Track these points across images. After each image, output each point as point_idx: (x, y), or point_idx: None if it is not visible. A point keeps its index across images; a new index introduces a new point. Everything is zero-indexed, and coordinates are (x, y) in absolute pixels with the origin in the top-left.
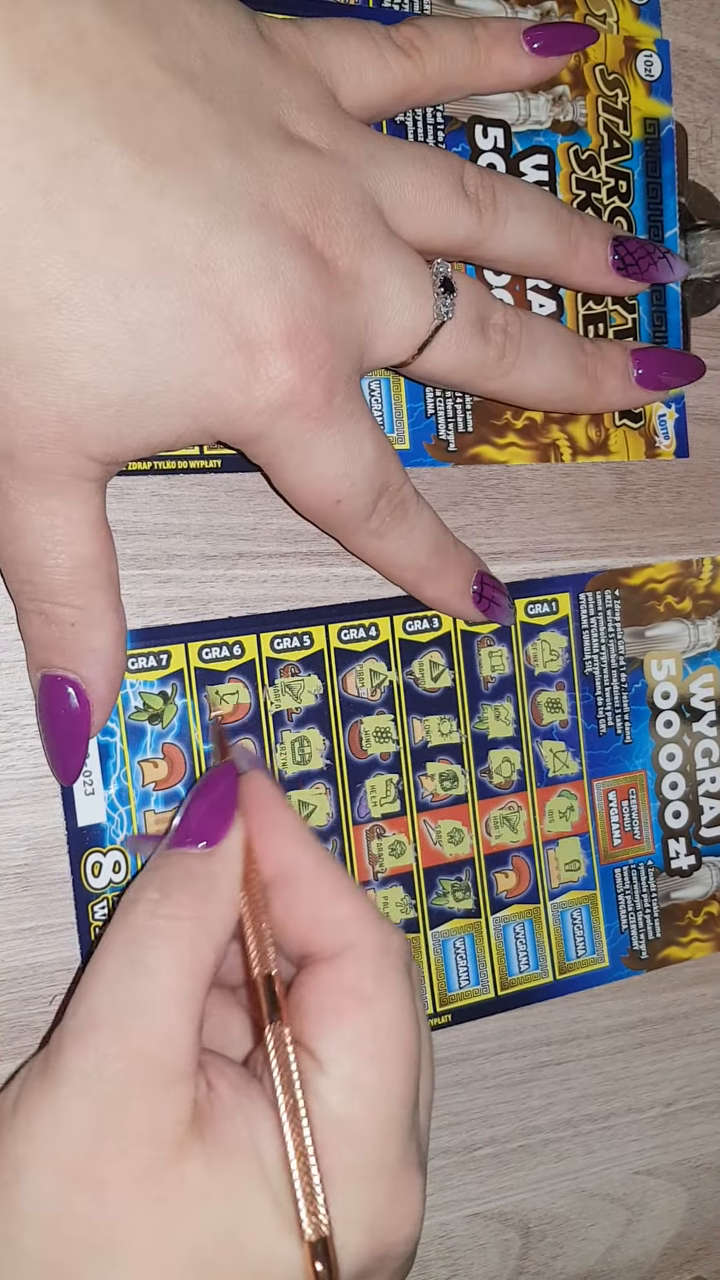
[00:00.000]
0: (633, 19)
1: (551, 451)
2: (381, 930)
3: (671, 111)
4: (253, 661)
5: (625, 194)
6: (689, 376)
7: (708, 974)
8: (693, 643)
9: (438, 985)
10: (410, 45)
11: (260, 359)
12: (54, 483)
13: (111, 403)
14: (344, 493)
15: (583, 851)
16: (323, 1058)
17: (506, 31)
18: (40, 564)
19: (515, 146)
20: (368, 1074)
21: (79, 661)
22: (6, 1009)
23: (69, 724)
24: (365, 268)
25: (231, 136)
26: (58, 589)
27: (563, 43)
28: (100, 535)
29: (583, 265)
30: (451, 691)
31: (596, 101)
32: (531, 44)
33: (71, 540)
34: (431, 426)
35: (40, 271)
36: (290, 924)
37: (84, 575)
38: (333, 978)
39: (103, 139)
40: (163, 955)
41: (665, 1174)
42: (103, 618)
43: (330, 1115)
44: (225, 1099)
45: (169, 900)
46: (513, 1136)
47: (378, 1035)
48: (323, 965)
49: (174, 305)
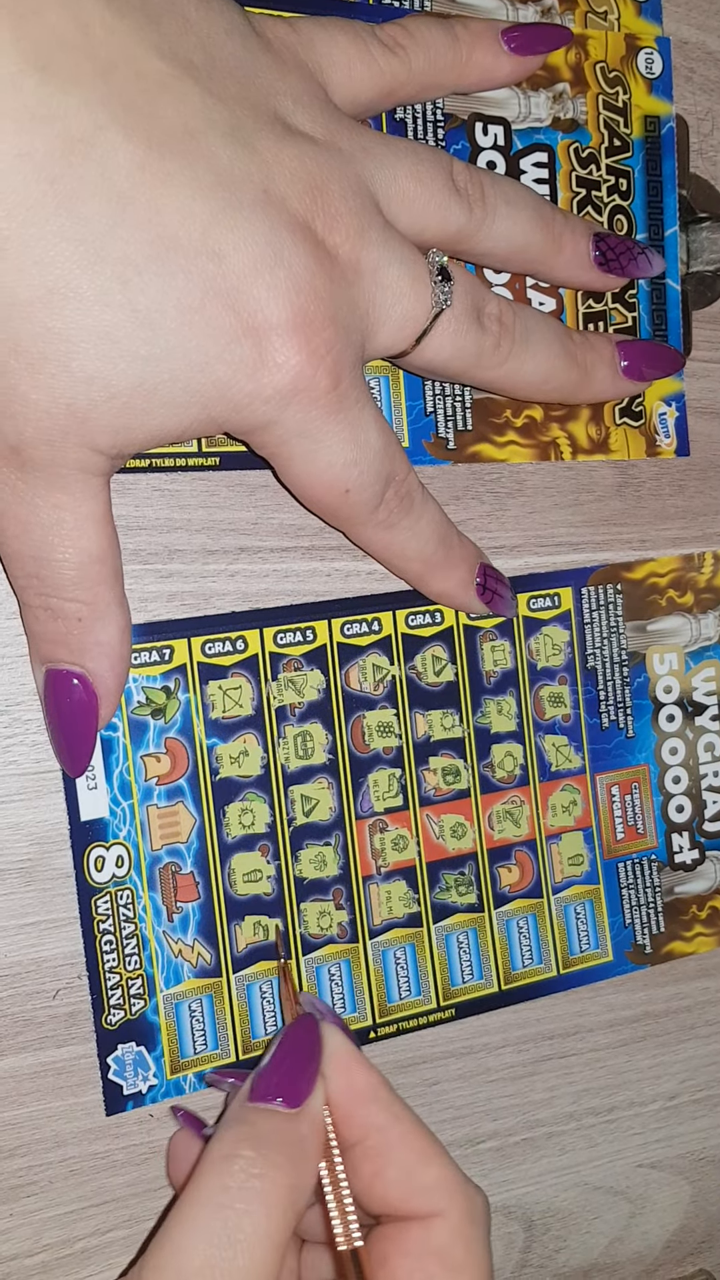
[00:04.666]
0: (634, 16)
1: (551, 450)
2: (467, 1195)
3: (672, 109)
4: (255, 656)
5: (625, 192)
6: (668, 369)
7: (711, 968)
8: (695, 637)
9: (441, 979)
10: (395, 43)
11: (267, 344)
12: (62, 477)
13: (120, 394)
14: (353, 482)
15: (586, 846)
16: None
17: (486, 31)
18: (47, 558)
19: (515, 144)
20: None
21: (86, 655)
22: (10, 1003)
23: (77, 718)
24: (365, 256)
25: (232, 126)
26: (64, 583)
27: (537, 43)
28: (106, 529)
29: (566, 260)
30: (454, 686)
31: (597, 99)
32: (508, 44)
33: (79, 535)
34: (431, 424)
35: (48, 261)
36: (378, 1190)
37: (91, 570)
38: (423, 1240)
39: (108, 127)
40: (256, 1222)
41: (668, 1167)
42: (109, 612)
43: None
44: None
45: (264, 1160)
46: (516, 1130)
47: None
48: (414, 1226)
49: (181, 292)
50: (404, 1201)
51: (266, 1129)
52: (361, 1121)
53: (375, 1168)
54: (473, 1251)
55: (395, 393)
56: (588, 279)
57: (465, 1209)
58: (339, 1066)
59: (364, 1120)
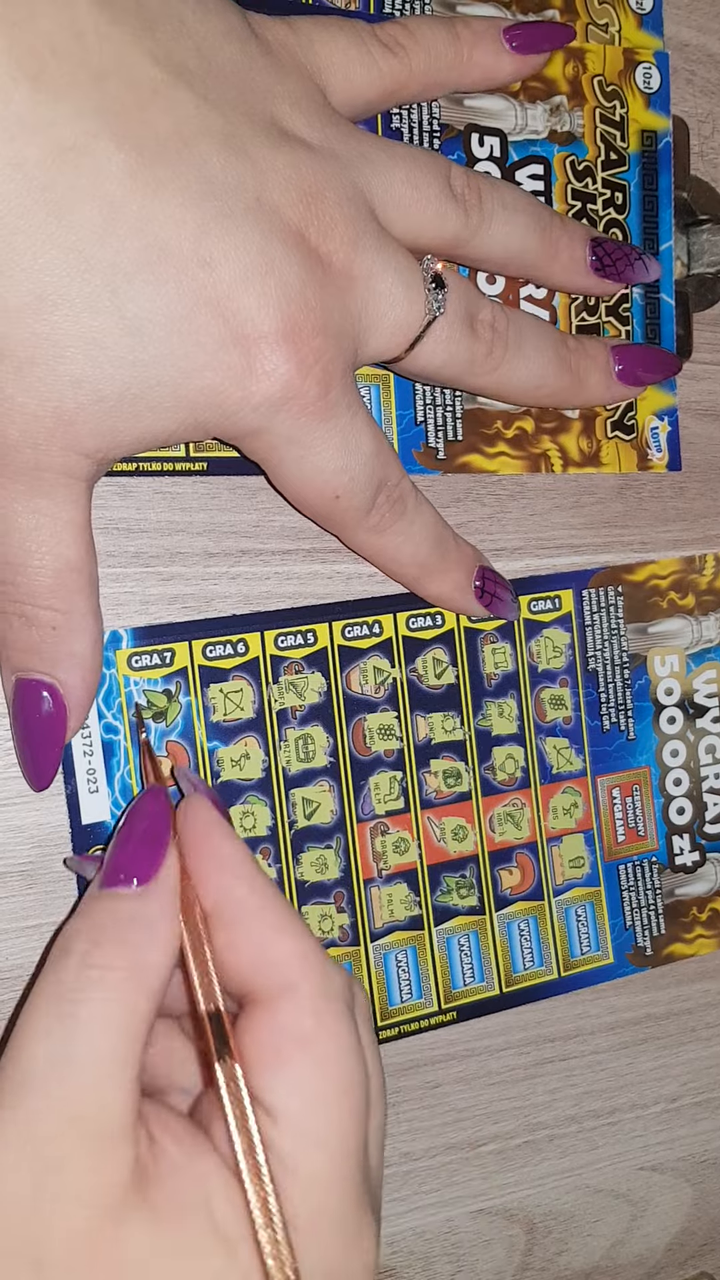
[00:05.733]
0: (635, 28)
1: (542, 462)
2: (321, 969)
3: (669, 124)
4: (257, 659)
5: (621, 205)
6: (664, 373)
7: (712, 970)
8: (696, 639)
9: (442, 982)
10: (395, 43)
11: (257, 353)
12: (44, 482)
13: (107, 398)
14: (343, 488)
15: (587, 848)
16: (269, 1103)
17: (487, 30)
18: (24, 565)
19: (511, 155)
20: (316, 1118)
21: (58, 666)
22: (11, 1006)
23: (45, 729)
24: (358, 263)
25: (226, 132)
26: (40, 591)
27: (539, 41)
28: (85, 538)
29: (563, 265)
30: (455, 688)
31: (594, 112)
32: (510, 42)
33: (57, 542)
34: (421, 434)
35: (38, 268)
36: (231, 961)
37: (68, 578)
38: (272, 1021)
39: (100, 135)
40: (95, 1010)
41: (670, 1170)
42: (84, 622)
43: (282, 1163)
44: (171, 1154)
45: (99, 950)
46: (517, 1133)
47: (323, 1078)
48: (262, 1008)
49: (171, 301)
50: (255, 973)
51: (104, 916)
52: (217, 890)
53: (229, 938)
54: (325, 1023)
55: (385, 402)
56: (584, 284)
57: (319, 983)
58: (196, 835)
59: (221, 889)
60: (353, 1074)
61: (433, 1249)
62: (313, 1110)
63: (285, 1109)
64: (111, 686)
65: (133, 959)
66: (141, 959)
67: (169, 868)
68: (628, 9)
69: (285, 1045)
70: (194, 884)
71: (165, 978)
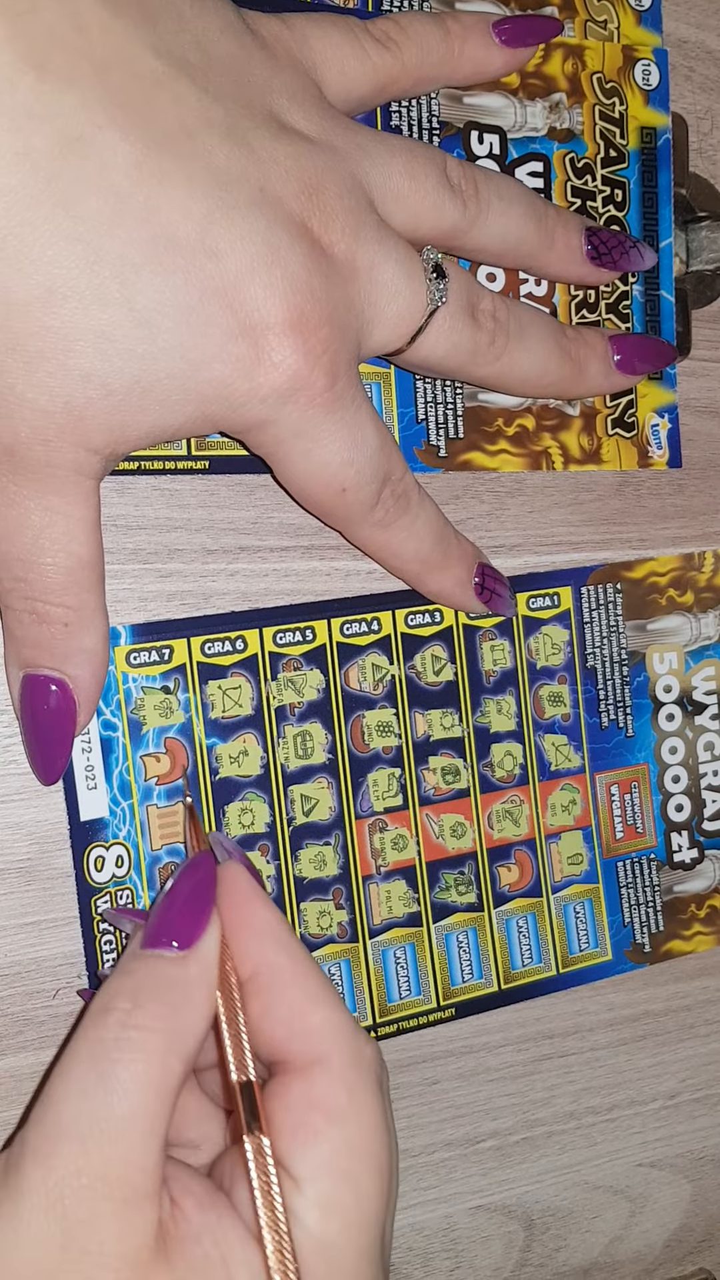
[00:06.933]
0: (634, 25)
1: (543, 459)
2: (354, 1042)
3: (668, 121)
4: (255, 656)
5: (620, 202)
6: (661, 363)
7: (710, 967)
8: (694, 636)
9: (441, 979)
10: (387, 37)
11: (264, 344)
12: (56, 479)
13: (116, 391)
14: (349, 481)
15: (585, 845)
16: (297, 1174)
17: (477, 24)
18: (36, 562)
19: (511, 153)
20: (343, 1193)
21: (69, 662)
22: (10, 1003)
23: (56, 724)
24: (360, 254)
25: (228, 125)
26: (53, 588)
27: (528, 35)
28: (95, 535)
29: (559, 255)
30: (453, 685)
31: (593, 109)
32: (500, 36)
33: (70, 539)
34: (422, 432)
35: (47, 260)
36: (265, 1028)
37: (79, 576)
38: (305, 1092)
39: (105, 126)
40: (133, 1071)
41: (668, 1166)
42: (94, 618)
43: (307, 1234)
44: (191, 1218)
45: (140, 1011)
46: (515, 1129)
47: (352, 1153)
48: (295, 1078)
49: (180, 291)
50: (288, 1042)
51: (146, 978)
52: (255, 958)
53: (264, 1005)
54: (357, 1098)
55: (387, 399)
56: (580, 273)
57: (350, 1055)
58: (236, 902)
59: (258, 957)
60: (381, 1154)
61: (431, 1245)
62: (341, 1188)
63: (315, 1182)
64: (110, 683)
65: (171, 1023)
66: (180, 1023)
67: (211, 934)
68: (626, 6)
69: (316, 1118)
70: (232, 950)
71: (200, 1042)
